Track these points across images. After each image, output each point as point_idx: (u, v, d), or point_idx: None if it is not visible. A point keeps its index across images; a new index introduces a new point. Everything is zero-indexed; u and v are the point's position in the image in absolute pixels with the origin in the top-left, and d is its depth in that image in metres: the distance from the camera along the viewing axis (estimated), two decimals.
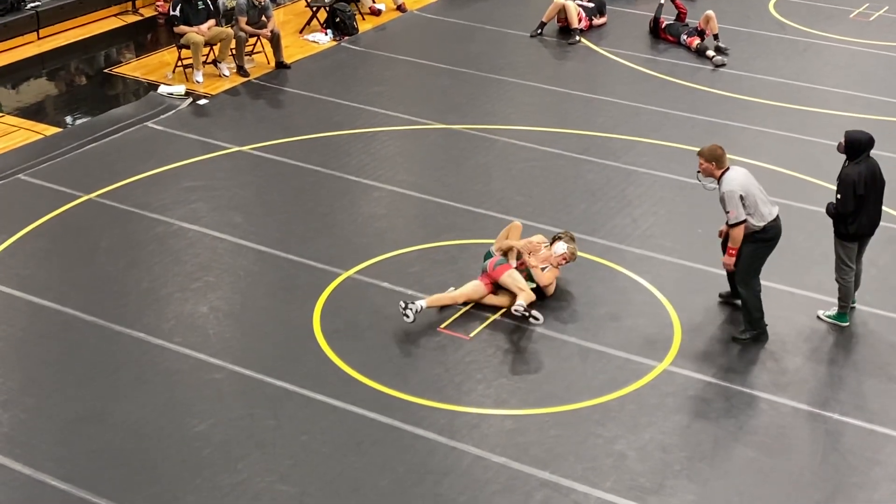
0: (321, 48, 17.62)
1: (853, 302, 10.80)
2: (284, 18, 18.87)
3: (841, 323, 10.72)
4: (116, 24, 18.56)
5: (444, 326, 10.55)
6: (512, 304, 10.62)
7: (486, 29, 18.52)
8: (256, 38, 16.63)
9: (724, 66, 17.08)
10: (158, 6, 18.77)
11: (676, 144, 14.34)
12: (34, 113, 15.35)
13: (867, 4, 19.93)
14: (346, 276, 11.35)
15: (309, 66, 16.92)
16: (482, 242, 11.71)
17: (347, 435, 9.15)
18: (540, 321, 10.52)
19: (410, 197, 13.05)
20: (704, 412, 9.55)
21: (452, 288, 10.91)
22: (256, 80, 16.29)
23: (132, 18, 18.82)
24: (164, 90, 15.72)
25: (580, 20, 18.23)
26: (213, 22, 16.28)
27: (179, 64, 16.29)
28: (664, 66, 17.15)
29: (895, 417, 9.54)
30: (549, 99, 15.95)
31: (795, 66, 17.23)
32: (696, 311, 10.90)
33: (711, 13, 17.62)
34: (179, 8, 15.98)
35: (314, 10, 18.41)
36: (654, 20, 18.27)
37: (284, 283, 11.29)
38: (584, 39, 18.08)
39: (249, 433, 9.15)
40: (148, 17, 18.87)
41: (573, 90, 16.14)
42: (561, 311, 10.87)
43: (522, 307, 10.43)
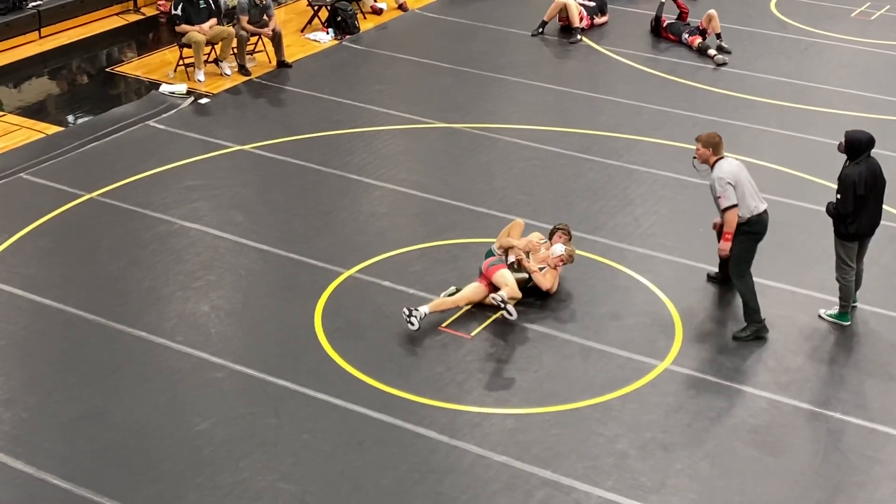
0: (322, 47, 17.62)
1: (854, 301, 10.80)
2: (286, 17, 18.86)
3: (842, 322, 10.72)
4: (118, 23, 18.56)
5: (445, 325, 10.55)
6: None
7: (487, 28, 18.51)
8: (258, 36, 16.62)
9: (725, 65, 17.07)
10: (160, 5, 18.75)
11: (678, 143, 14.33)
12: (36, 112, 15.35)
13: (868, 3, 19.91)
14: (347, 274, 11.35)
15: (310, 64, 16.91)
16: (483, 241, 11.70)
17: (349, 434, 9.15)
18: (513, 317, 10.45)
19: (412, 196, 13.05)
20: (706, 411, 9.55)
21: (453, 288, 10.92)
22: (258, 78, 16.28)
23: (134, 17, 18.82)
24: (165, 89, 15.72)
25: (581, 19, 18.22)
26: (214, 21, 16.27)
27: (181, 63, 16.29)
28: (666, 65, 17.14)
29: None
30: (550, 98, 15.95)
31: (797, 65, 17.23)
32: (697, 310, 10.91)
33: (713, 12, 17.61)
34: (181, 7, 15.97)
35: (315, 8, 18.39)
36: (655, 19, 18.26)
37: (286, 281, 11.29)
38: (585, 38, 18.07)
39: (251, 432, 9.16)
40: (149, 16, 18.85)
41: (574, 89, 16.13)
42: (562, 310, 10.87)
43: (501, 298, 10.40)
